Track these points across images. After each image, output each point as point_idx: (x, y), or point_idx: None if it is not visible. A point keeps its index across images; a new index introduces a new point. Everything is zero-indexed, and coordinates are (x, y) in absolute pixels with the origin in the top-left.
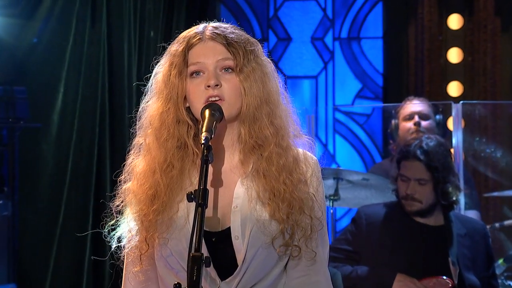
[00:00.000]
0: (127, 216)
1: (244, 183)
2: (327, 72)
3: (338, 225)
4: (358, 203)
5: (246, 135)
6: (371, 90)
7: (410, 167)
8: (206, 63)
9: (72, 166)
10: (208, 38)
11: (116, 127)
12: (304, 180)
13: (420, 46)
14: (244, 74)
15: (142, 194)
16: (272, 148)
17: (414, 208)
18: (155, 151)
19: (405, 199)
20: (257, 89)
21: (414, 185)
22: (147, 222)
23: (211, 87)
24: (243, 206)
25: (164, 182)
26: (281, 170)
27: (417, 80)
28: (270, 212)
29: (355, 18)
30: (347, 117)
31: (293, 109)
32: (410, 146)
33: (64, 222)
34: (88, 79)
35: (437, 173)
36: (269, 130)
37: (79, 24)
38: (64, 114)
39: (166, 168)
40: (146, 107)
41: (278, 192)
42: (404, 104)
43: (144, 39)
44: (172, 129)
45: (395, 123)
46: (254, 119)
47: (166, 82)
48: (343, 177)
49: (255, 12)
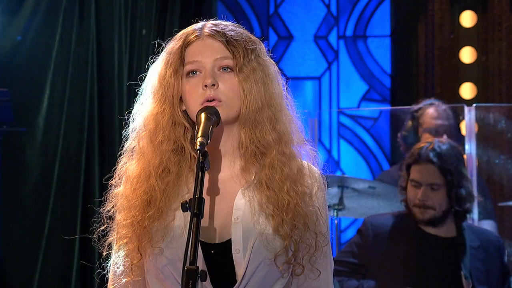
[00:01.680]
0: (117, 224)
1: (246, 194)
2: (331, 73)
3: (343, 236)
4: (364, 213)
5: (246, 140)
6: (378, 92)
7: (422, 171)
8: (203, 62)
9: (58, 173)
10: (207, 35)
11: (105, 132)
12: (309, 193)
13: (431, 45)
14: (244, 74)
15: (136, 199)
16: (274, 155)
17: (426, 216)
18: (149, 154)
19: (416, 206)
20: (258, 91)
21: (426, 190)
22: (141, 230)
23: (208, 87)
24: (245, 218)
25: (160, 187)
26: (285, 179)
27: (428, 81)
28: (274, 226)
29: (361, 15)
30: (352, 121)
31: (297, 115)
32: (421, 150)
33: (50, 233)
34: (75, 80)
35: (450, 177)
36: (271, 136)
37: (66, 21)
38: (50, 118)
39: (162, 172)
40: (140, 109)
41: (282, 203)
42: (428, 110)
43: (136, 37)
44: (167, 131)
45: (414, 127)
46: (255, 123)
47: (161, 82)
48: (348, 185)
49: (254, 9)
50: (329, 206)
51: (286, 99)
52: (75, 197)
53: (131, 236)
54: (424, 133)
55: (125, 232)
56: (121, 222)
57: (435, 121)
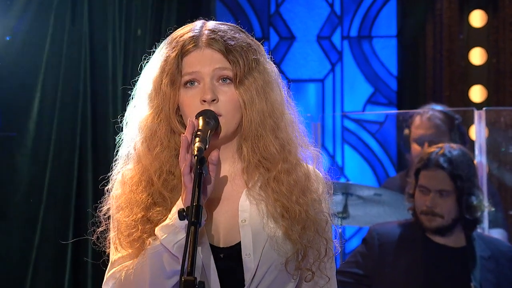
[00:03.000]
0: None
1: (250, 196)
2: (335, 75)
3: (347, 246)
4: (369, 222)
5: (248, 153)
6: (384, 95)
7: (431, 177)
8: (201, 72)
9: (49, 180)
10: (205, 45)
11: (99, 137)
12: (318, 199)
13: (439, 46)
14: (244, 86)
15: (140, 200)
16: (280, 167)
17: (434, 224)
18: (147, 161)
19: (424, 213)
20: (260, 102)
21: (435, 197)
22: (146, 221)
23: (207, 102)
24: (253, 220)
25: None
26: (292, 189)
27: (435, 84)
28: (284, 229)
29: (366, 14)
30: (357, 125)
31: (299, 117)
32: (431, 155)
33: (41, 243)
34: (67, 83)
35: (461, 183)
36: (274, 147)
37: (58, 21)
38: (40, 122)
39: (167, 179)
40: (133, 112)
41: (292, 212)
42: (416, 117)
43: (131, 38)
44: (166, 141)
45: (406, 136)
46: (257, 136)
47: (157, 91)
48: (353, 193)
49: (255, 8)
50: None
51: (287, 103)
52: (67, 205)
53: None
54: (413, 144)
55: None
56: (122, 220)
57: (418, 131)
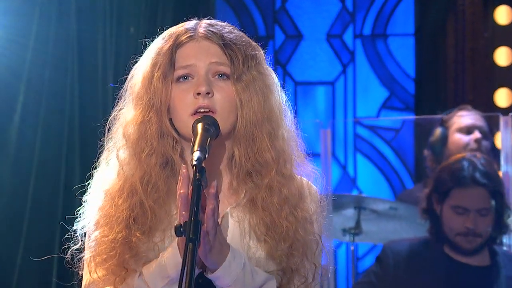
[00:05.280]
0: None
1: (234, 214)
2: (346, 77)
3: (360, 265)
4: (384, 238)
5: (241, 158)
6: (400, 99)
7: (469, 195)
8: (196, 66)
9: (33, 192)
10: (201, 36)
11: (88, 145)
12: (309, 219)
13: (461, 45)
14: (243, 83)
15: (119, 215)
16: (273, 176)
17: (474, 244)
18: (132, 168)
19: (464, 235)
20: (258, 102)
21: (475, 217)
22: (125, 245)
23: (201, 95)
24: (233, 241)
25: (150, 205)
26: (283, 204)
27: (457, 86)
28: (268, 250)
29: (381, 10)
30: (371, 132)
31: (297, 131)
32: (462, 170)
33: (24, 264)
34: (53, 86)
35: (501, 200)
36: (270, 154)
37: (43, 19)
38: (23, 130)
39: (151, 189)
40: (119, 115)
41: (279, 228)
42: (459, 112)
43: (122, 37)
44: (155, 143)
45: (443, 132)
46: (252, 139)
47: (147, 86)
48: (366, 206)
49: (258, 4)
50: (344, 230)
51: (285, 112)
52: (53, 219)
53: (113, 252)
54: (454, 134)
55: (104, 248)
56: (99, 239)
57: (466, 120)
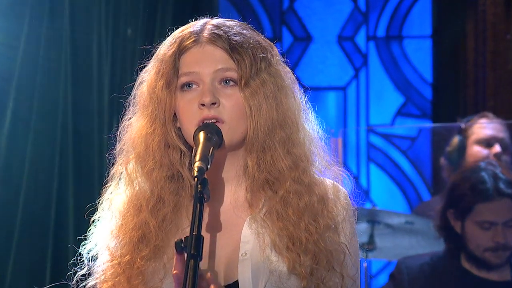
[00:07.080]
0: (101, 265)
1: (253, 226)
2: (359, 82)
3: (374, 283)
4: (399, 254)
5: (254, 168)
6: (416, 105)
7: (494, 208)
8: (200, 73)
9: (23, 207)
10: (206, 40)
11: (82, 155)
12: (333, 227)
13: (481, 48)
14: (251, 88)
15: (124, 236)
16: (288, 186)
17: (502, 259)
18: (139, 183)
19: (493, 250)
20: (268, 108)
21: (503, 230)
22: (131, 270)
23: (206, 106)
24: (254, 254)
25: (154, 223)
26: (301, 214)
27: (477, 92)
28: (289, 264)
29: (396, 11)
30: (385, 140)
31: (319, 132)
32: (484, 183)
33: (13, 281)
34: (45, 91)
35: None
36: (284, 162)
37: (34, 20)
38: (13, 138)
39: (156, 204)
40: (127, 126)
41: (298, 241)
42: (479, 120)
43: (119, 39)
44: (158, 156)
45: (461, 141)
46: (264, 148)
47: (151, 96)
48: (380, 220)
49: (265, 4)
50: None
51: (305, 114)
52: (45, 236)
53: (119, 278)
54: (473, 146)
55: (111, 274)
56: (105, 263)
57: (487, 131)
